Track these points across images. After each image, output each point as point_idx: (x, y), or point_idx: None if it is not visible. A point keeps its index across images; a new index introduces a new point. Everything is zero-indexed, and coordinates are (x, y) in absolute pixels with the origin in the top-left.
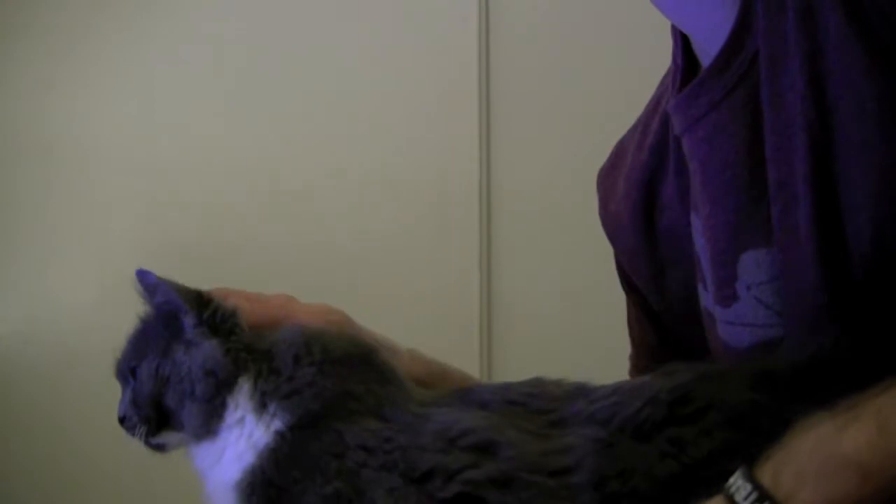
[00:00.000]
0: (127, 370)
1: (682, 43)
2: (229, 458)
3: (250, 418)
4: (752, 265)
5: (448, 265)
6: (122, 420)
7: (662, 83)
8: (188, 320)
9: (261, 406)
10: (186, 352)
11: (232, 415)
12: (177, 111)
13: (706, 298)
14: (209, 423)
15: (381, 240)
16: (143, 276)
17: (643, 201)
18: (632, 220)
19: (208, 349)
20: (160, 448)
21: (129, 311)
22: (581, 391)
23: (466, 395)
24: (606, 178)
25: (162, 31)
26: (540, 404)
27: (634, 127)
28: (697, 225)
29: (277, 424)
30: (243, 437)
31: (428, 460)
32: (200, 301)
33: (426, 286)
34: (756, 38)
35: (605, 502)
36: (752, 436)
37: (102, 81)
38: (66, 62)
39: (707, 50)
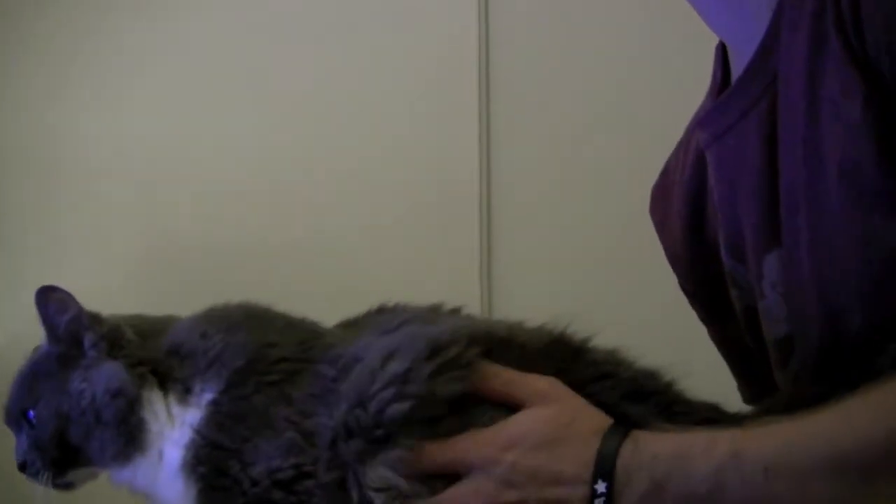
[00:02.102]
0: (19, 415)
1: (722, 59)
2: (168, 454)
3: (177, 409)
4: (775, 264)
5: (448, 266)
6: (22, 467)
7: (701, 105)
8: (88, 338)
9: (185, 393)
10: (85, 378)
11: (154, 424)
12: (177, 116)
13: (745, 299)
14: (134, 441)
15: (381, 240)
16: (52, 291)
17: (691, 217)
18: (683, 236)
19: (111, 370)
20: (68, 487)
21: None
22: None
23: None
24: (658, 200)
25: (162, 37)
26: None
27: (679, 145)
28: (721, 238)
29: (208, 396)
30: (177, 427)
31: (376, 352)
32: (96, 319)
33: (426, 287)
34: (779, 53)
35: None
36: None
37: (103, 88)
38: (67, 69)
39: (741, 57)
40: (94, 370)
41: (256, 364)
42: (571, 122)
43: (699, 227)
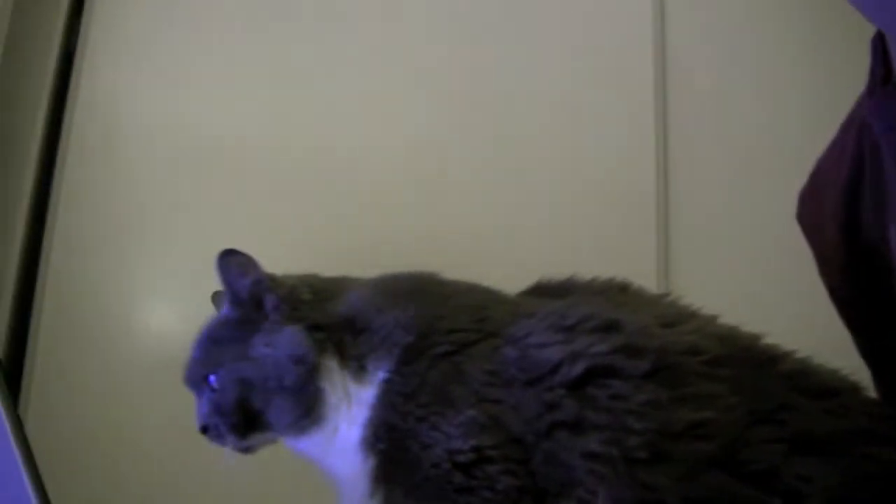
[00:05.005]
0: (200, 380)
1: (882, 52)
2: (344, 430)
3: (353, 388)
4: None
5: (623, 266)
6: (203, 429)
7: (857, 103)
8: (270, 300)
9: (360, 370)
10: (268, 343)
11: (331, 395)
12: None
13: None
14: (311, 412)
15: (556, 241)
16: (233, 254)
17: (848, 218)
18: (839, 238)
19: (293, 335)
20: (248, 450)
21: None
22: None
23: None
24: (808, 204)
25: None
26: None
27: (832, 146)
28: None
29: (381, 375)
30: (354, 405)
31: (552, 354)
32: (274, 281)
33: None
34: None
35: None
36: None
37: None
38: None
39: None
40: (277, 334)
41: (426, 338)
42: (751, 118)
43: (856, 228)
